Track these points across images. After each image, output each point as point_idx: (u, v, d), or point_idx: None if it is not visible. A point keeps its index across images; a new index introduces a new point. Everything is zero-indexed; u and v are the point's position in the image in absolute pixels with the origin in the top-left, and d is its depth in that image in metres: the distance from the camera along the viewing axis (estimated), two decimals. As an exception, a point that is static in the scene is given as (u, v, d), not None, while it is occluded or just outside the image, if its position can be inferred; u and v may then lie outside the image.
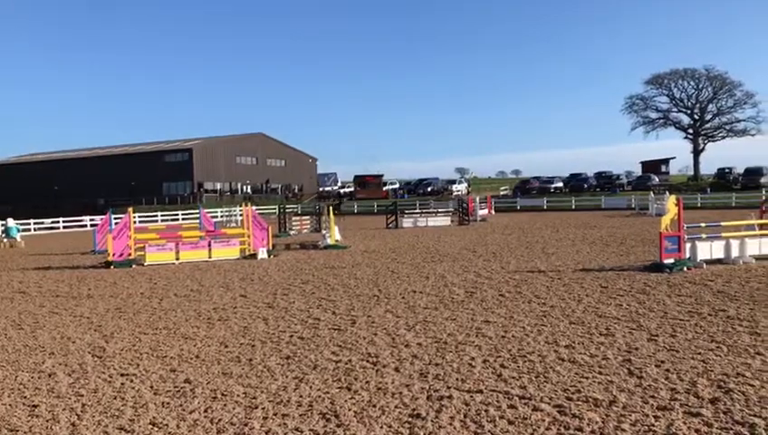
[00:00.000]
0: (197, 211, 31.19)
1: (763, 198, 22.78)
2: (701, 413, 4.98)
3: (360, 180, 76.45)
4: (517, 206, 55.48)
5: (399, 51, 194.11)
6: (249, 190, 79.97)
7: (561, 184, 68.67)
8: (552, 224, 32.24)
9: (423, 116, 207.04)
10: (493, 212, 45.68)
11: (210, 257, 18.88)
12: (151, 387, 6.26)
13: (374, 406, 5.44)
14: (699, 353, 6.77)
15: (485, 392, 5.69)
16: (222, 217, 46.35)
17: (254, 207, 22.96)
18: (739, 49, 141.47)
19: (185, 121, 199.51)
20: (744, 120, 75.30)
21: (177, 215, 53.22)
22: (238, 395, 5.89)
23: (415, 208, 45.54)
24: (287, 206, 41.28)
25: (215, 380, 6.43)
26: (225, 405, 5.62)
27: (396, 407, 5.41)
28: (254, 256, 19.08)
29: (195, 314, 10.23)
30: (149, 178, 74.59)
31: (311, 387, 6.06)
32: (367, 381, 6.16)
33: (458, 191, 68.46)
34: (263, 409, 5.49)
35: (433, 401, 5.52)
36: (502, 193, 70.30)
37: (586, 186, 64.60)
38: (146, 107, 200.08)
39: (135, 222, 21.39)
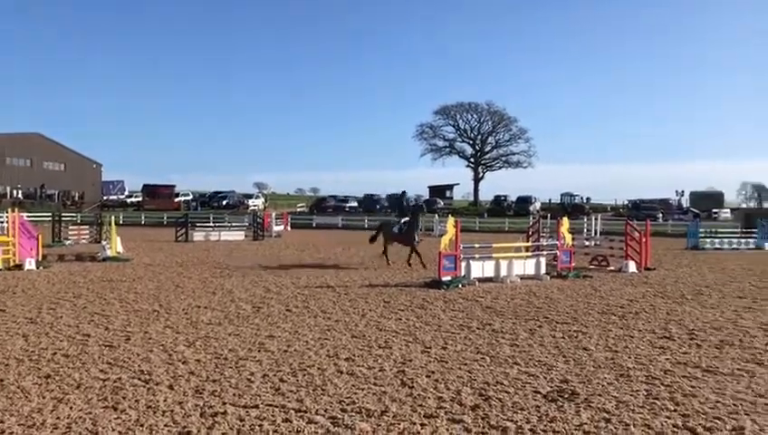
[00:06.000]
0: (-46, 215, 27.52)
1: (531, 223, 25.32)
2: (463, 419, 5.33)
3: (150, 190, 72.82)
4: (313, 223, 56.23)
5: (194, 58, 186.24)
6: (20, 195, 72.29)
7: (355, 203, 71.03)
8: (344, 241, 33.04)
9: (223, 127, 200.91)
10: (289, 228, 45.86)
11: (-35, 267, 16.69)
12: None
13: (141, 425, 5.11)
14: (466, 364, 7.28)
15: (261, 407, 5.60)
16: (-15, 223, 41.32)
17: (23, 214, 20.79)
18: (515, 87, 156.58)
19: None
20: (517, 154, 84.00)
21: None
22: (-19, 421, 5.21)
23: (208, 221, 44.23)
24: (64, 214, 37.92)
25: (-47, 404, 5.64)
26: (-38, 433, 4.94)
27: (165, 425, 5.13)
28: (19, 266, 17.20)
29: (-63, 331, 8.94)
30: None
31: (71, 408, 5.55)
32: (136, 400, 5.78)
33: (255, 206, 67.84)
34: (10, 433, 4.91)
35: (206, 417, 5.32)
36: (299, 210, 70.90)
37: (379, 206, 67.43)
38: None
39: None
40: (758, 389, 6.32)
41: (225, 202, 70.49)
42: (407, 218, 19.46)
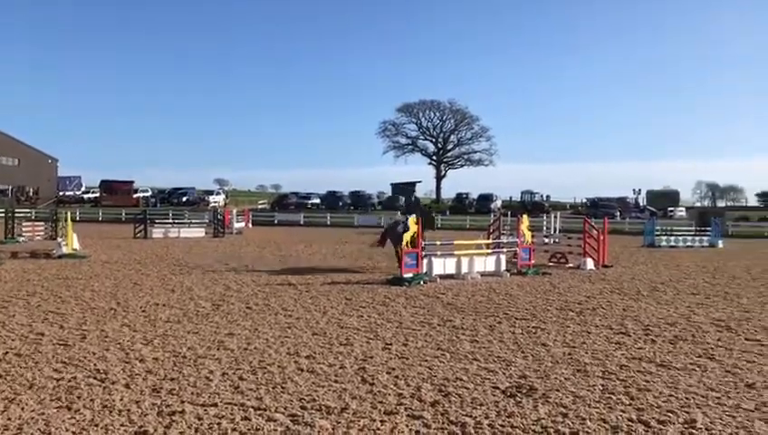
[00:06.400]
0: None
1: (492, 221, 25.56)
2: (422, 416, 5.36)
3: (108, 186, 71.50)
4: (275, 220, 55.83)
5: (150, 54, 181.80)
6: (-28, 191, 70.16)
7: (318, 200, 70.76)
8: (306, 239, 32.91)
9: (183, 123, 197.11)
10: (250, 225, 45.44)
11: None
12: None
13: (96, 425, 5.01)
14: (426, 360, 7.32)
15: (220, 405, 5.54)
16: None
17: (-26, 209, 20.18)
18: (477, 86, 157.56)
19: None
20: (479, 152, 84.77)
21: None
22: (-73, 423, 5.05)
23: (167, 218, 43.58)
24: (18, 209, 36.96)
25: None
26: None
27: (121, 425, 5.04)
28: (-30, 264, 16.72)
29: None
30: None
31: (23, 408, 5.41)
32: (91, 399, 5.66)
33: (215, 203, 67.12)
34: (-42, 437, 4.77)
35: (163, 416, 5.24)
36: (260, 207, 70.29)
37: (341, 203, 67.35)
38: None
39: None
40: (709, 383, 6.49)
41: (185, 199, 69.50)
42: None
